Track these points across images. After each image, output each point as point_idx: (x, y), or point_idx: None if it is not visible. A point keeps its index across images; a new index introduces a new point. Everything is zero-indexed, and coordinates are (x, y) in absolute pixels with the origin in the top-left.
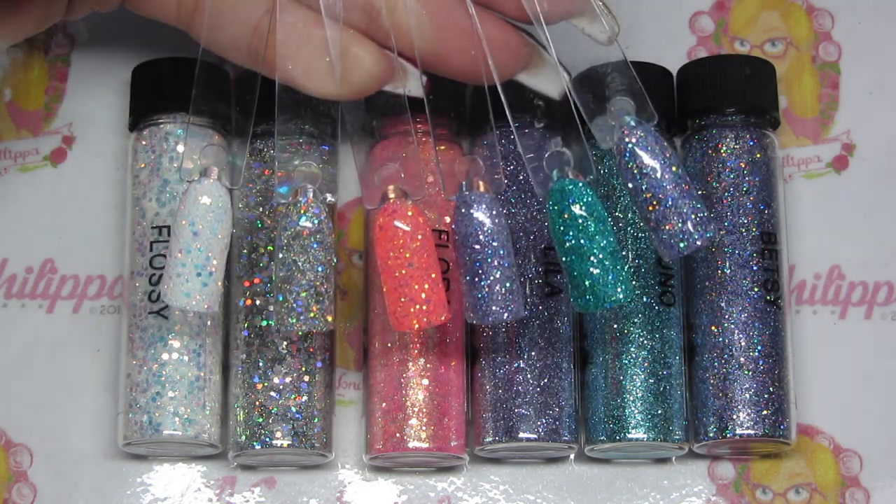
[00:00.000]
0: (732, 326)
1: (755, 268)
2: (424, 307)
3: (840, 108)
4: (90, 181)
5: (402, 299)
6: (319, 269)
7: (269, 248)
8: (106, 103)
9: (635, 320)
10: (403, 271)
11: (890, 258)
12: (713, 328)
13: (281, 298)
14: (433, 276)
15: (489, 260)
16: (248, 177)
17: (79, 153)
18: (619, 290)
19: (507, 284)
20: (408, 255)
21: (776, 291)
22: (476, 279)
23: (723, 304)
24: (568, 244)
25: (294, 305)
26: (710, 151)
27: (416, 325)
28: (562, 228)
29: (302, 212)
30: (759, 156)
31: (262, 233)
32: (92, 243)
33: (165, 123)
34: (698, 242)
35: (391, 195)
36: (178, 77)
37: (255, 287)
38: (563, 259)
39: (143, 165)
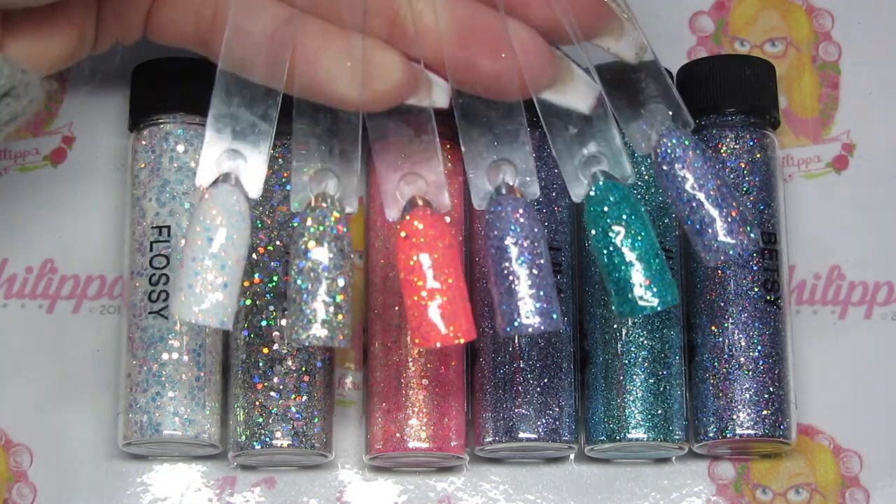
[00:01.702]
0: (732, 326)
1: (755, 268)
2: (451, 325)
3: (840, 108)
4: (90, 181)
5: (427, 314)
6: (341, 280)
7: (269, 248)
8: (106, 103)
9: (635, 320)
10: (427, 284)
11: (890, 258)
12: (713, 328)
13: (304, 307)
14: (459, 289)
15: (527, 267)
16: None
17: (79, 153)
18: (667, 293)
19: (546, 292)
20: (433, 267)
21: (776, 291)
22: (512, 288)
23: (723, 304)
24: (611, 247)
25: (317, 315)
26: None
27: (440, 344)
28: (603, 231)
29: (333, 220)
30: (759, 156)
31: (262, 233)
32: (92, 243)
33: (165, 123)
34: (745, 243)
35: (419, 202)
36: (178, 77)
37: (254, 287)
38: (606, 263)
39: (143, 165)
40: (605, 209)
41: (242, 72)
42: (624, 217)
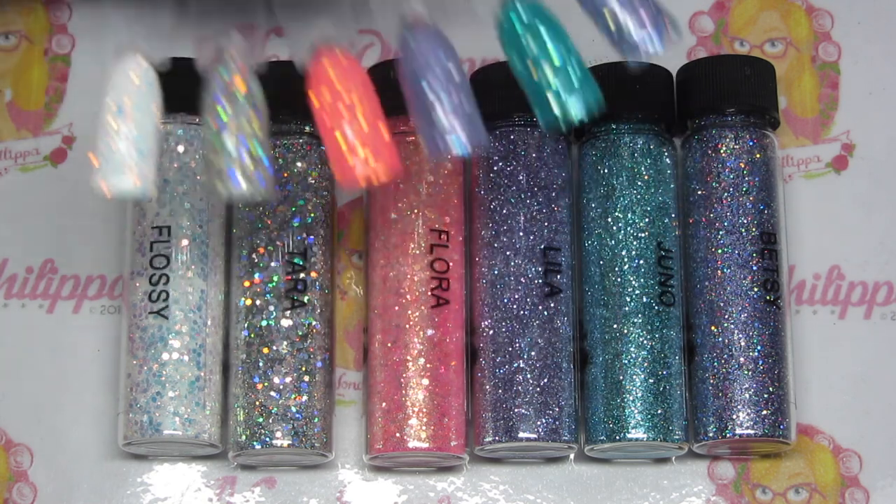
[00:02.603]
0: (732, 326)
1: (755, 268)
2: (371, 162)
3: (840, 108)
4: (90, 181)
5: (346, 154)
6: (252, 131)
7: (269, 248)
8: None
9: (635, 320)
10: (344, 123)
11: (890, 258)
12: (713, 328)
13: (219, 164)
14: (377, 125)
15: (443, 90)
16: None
17: (79, 153)
18: (590, 97)
19: (466, 112)
20: (347, 107)
21: (776, 291)
22: (431, 112)
23: (723, 304)
24: (528, 60)
25: (235, 168)
26: (709, 151)
27: (362, 181)
28: (517, 45)
29: (236, 73)
30: (758, 156)
31: (262, 233)
32: (92, 243)
33: (165, 123)
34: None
35: (322, 47)
36: (177, 77)
37: (255, 287)
38: (524, 77)
39: None
40: (518, 22)
41: None
42: (537, 28)
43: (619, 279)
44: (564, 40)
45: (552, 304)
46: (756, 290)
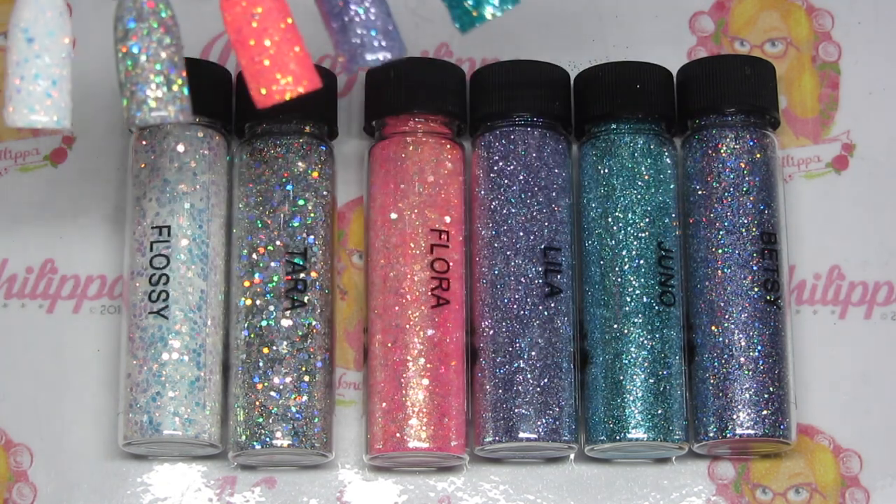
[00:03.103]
0: (732, 326)
1: (755, 268)
2: (288, 76)
3: (840, 108)
4: (90, 181)
5: (263, 71)
6: (164, 53)
7: (269, 248)
8: (106, 103)
9: (635, 320)
10: (259, 40)
11: (890, 258)
12: (713, 328)
13: (134, 90)
14: (292, 39)
15: (356, 2)
16: (248, 177)
17: (79, 153)
18: None
19: (384, 21)
20: (260, 22)
21: (776, 291)
22: (347, 22)
23: (723, 304)
24: None
25: (148, 92)
26: (710, 151)
27: (278, 97)
28: None
29: None
30: (759, 156)
31: (262, 233)
32: (92, 243)
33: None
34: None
35: None
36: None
37: (255, 287)
38: None
39: (143, 165)
40: None
41: None
42: None
43: (619, 279)
44: None
45: (552, 304)
46: (756, 290)
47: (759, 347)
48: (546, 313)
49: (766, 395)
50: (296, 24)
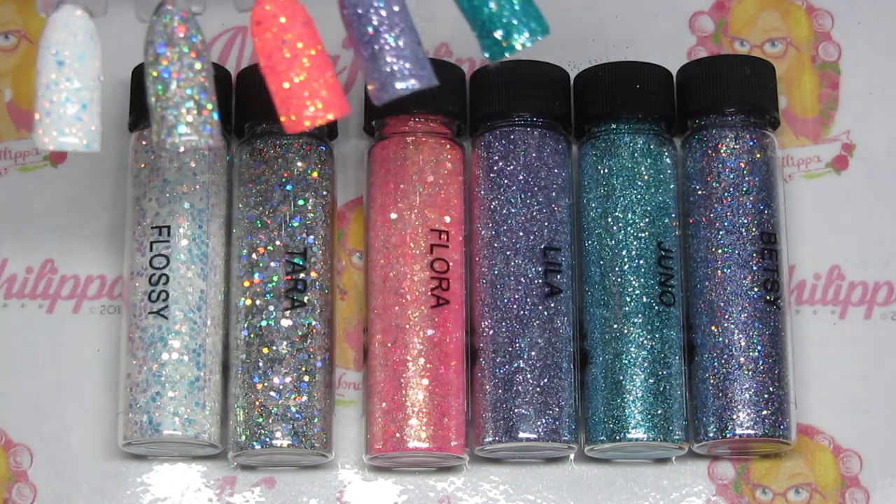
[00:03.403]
0: (732, 326)
1: (755, 268)
2: (317, 103)
3: (840, 108)
4: (90, 181)
5: (293, 97)
6: (199, 78)
7: (269, 248)
8: (106, 103)
9: (635, 320)
10: (289, 67)
11: (890, 258)
12: (713, 328)
13: (165, 113)
14: (322, 65)
15: (388, 27)
16: (248, 177)
17: (79, 153)
18: (534, 25)
19: (411, 50)
20: (290, 49)
21: (776, 291)
22: (377, 50)
23: (723, 304)
24: None
25: (180, 117)
26: (710, 151)
27: (308, 123)
28: None
29: (180, 21)
30: (759, 156)
31: (262, 233)
32: (92, 243)
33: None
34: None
35: None
36: None
37: (255, 287)
38: (467, 8)
39: (143, 165)
40: None
41: None
42: None
43: (619, 279)
44: None
45: (552, 304)
46: (756, 290)
47: (759, 347)
48: (546, 313)
49: (765, 396)
50: (325, 51)
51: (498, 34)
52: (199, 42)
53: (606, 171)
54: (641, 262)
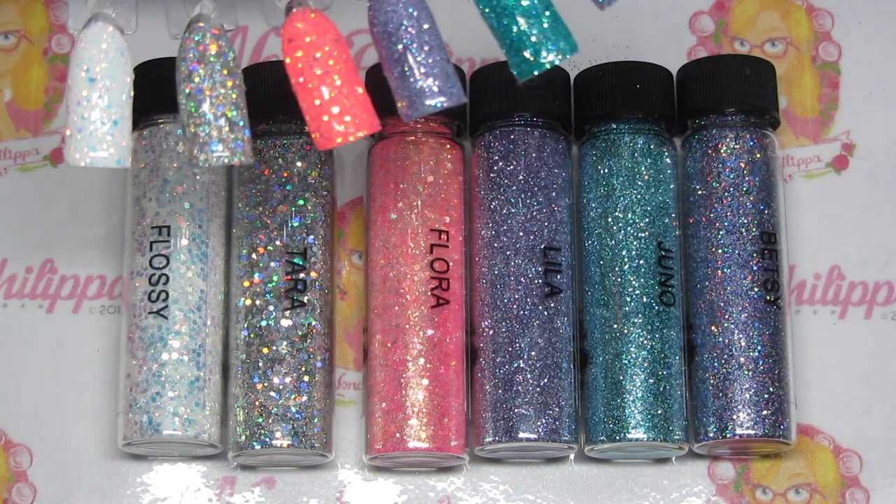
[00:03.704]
0: (732, 326)
1: (755, 268)
2: (348, 120)
3: (840, 108)
4: (90, 181)
5: (323, 114)
6: (231, 95)
7: (269, 248)
8: None
9: (635, 320)
10: (320, 83)
11: (890, 258)
12: (713, 328)
13: (197, 130)
14: (353, 82)
15: (418, 45)
16: (248, 177)
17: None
18: (563, 44)
19: (440, 68)
20: (321, 65)
21: (776, 291)
22: (407, 68)
23: (723, 304)
24: (499, 8)
25: (212, 134)
26: (710, 151)
27: (340, 140)
28: None
29: (212, 38)
30: (759, 156)
31: (262, 233)
32: (92, 243)
33: (165, 123)
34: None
35: (298, 3)
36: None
37: (255, 287)
38: (496, 26)
39: (143, 165)
40: None
41: None
42: None
43: (619, 279)
44: None
45: (552, 304)
46: (756, 290)
47: (759, 347)
48: (546, 313)
49: (766, 396)
50: (356, 67)
51: (527, 53)
52: (232, 59)
53: (606, 171)
54: (641, 262)
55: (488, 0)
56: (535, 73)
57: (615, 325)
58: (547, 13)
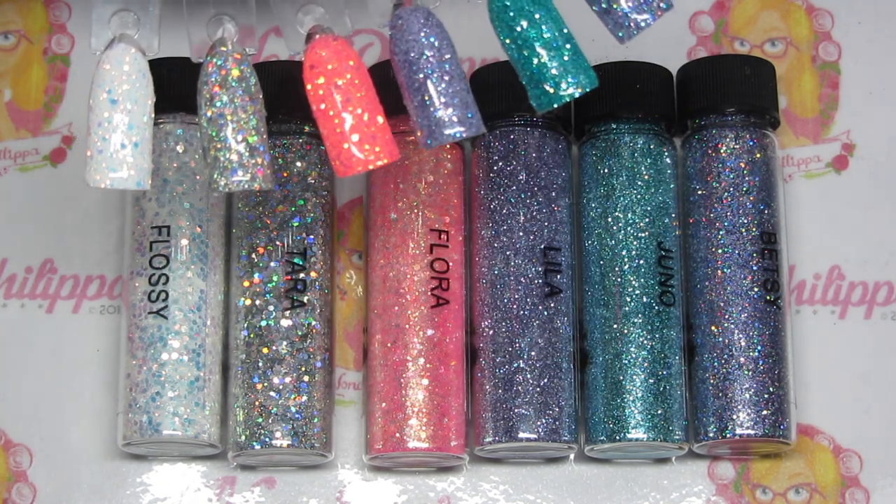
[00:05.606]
0: (732, 326)
1: (755, 268)
2: (368, 148)
3: (840, 108)
4: (84, 174)
5: (343, 141)
6: (252, 121)
7: (269, 247)
8: None
9: (635, 320)
10: (341, 111)
11: (890, 258)
12: (713, 328)
13: (218, 155)
14: (373, 110)
15: (438, 75)
16: None
17: (79, 153)
18: (583, 77)
19: (460, 98)
20: (343, 93)
21: (776, 291)
22: (426, 97)
23: (723, 304)
24: (519, 41)
25: (233, 160)
26: (710, 151)
27: (360, 168)
28: (508, 26)
29: (235, 62)
30: (759, 156)
31: (262, 233)
32: (92, 243)
33: (165, 123)
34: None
35: (319, 30)
36: (178, 77)
37: (254, 287)
38: (516, 58)
39: None
40: (507, 2)
41: None
42: (527, 8)
43: (619, 279)
44: (555, 19)
45: (552, 304)
46: (756, 290)
47: (759, 347)
48: (546, 313)
49: (765, 396)
50: (377, 95)
51: (547, 86)
52: (254, 84)
53: (606, 170)
54: (641, 262)
55: (509, 31)
56: (555, 105)
57: (615, 325)
58: (568, 46)
